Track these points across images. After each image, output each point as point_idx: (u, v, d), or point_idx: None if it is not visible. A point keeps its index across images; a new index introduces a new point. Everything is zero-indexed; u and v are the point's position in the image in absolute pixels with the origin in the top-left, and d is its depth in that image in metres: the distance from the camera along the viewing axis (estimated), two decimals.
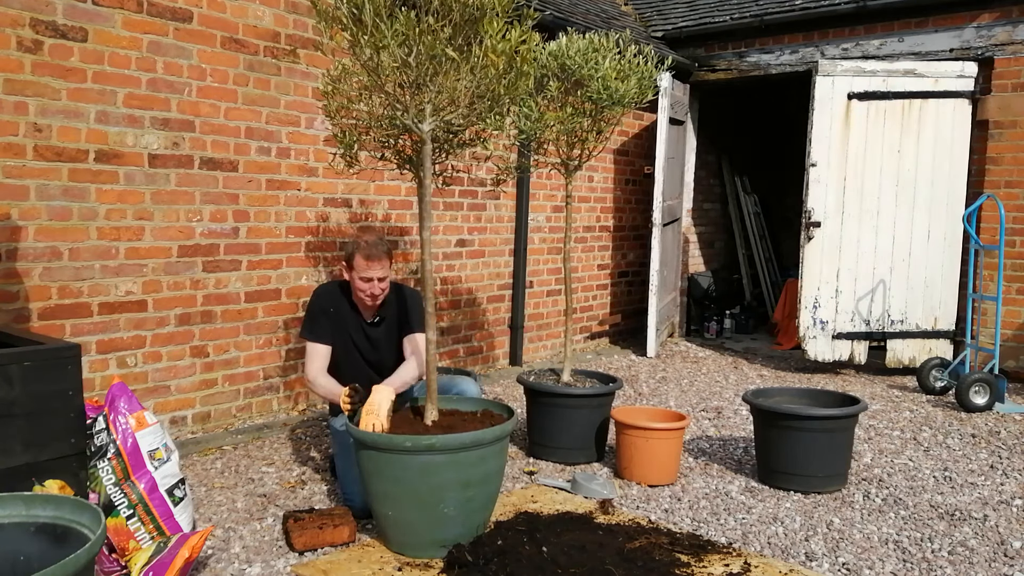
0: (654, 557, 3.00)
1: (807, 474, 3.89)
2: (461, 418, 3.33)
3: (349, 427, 3.11)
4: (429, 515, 2.97)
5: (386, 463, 2.96)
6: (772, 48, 7.49)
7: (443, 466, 2.93)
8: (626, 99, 4.11)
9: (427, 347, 3.25)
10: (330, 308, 3.71)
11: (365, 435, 3.01)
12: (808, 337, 6.69)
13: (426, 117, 3.12)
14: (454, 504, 2.96)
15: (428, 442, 2.92)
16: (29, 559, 2.13)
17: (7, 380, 2.71)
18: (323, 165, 5.03)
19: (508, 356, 6.71)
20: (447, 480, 2.94)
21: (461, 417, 3.35)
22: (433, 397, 3.23)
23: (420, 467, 2.91)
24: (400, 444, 2.92)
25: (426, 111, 3.11)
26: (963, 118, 6.50)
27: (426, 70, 2.99)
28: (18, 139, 3.76)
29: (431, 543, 3.01)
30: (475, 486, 3.02)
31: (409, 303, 3.79)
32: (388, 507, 3.02)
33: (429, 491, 2.94)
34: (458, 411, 3.42)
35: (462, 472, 2.96)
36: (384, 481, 2.99)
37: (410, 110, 3.10)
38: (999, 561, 3.21)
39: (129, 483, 2.92)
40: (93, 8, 3.96)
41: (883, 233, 6.61)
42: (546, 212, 6.89)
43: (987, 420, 5.34)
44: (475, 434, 2.99)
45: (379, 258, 3.55)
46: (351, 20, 2.93)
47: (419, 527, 3.00)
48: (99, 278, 4.08)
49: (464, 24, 3.03)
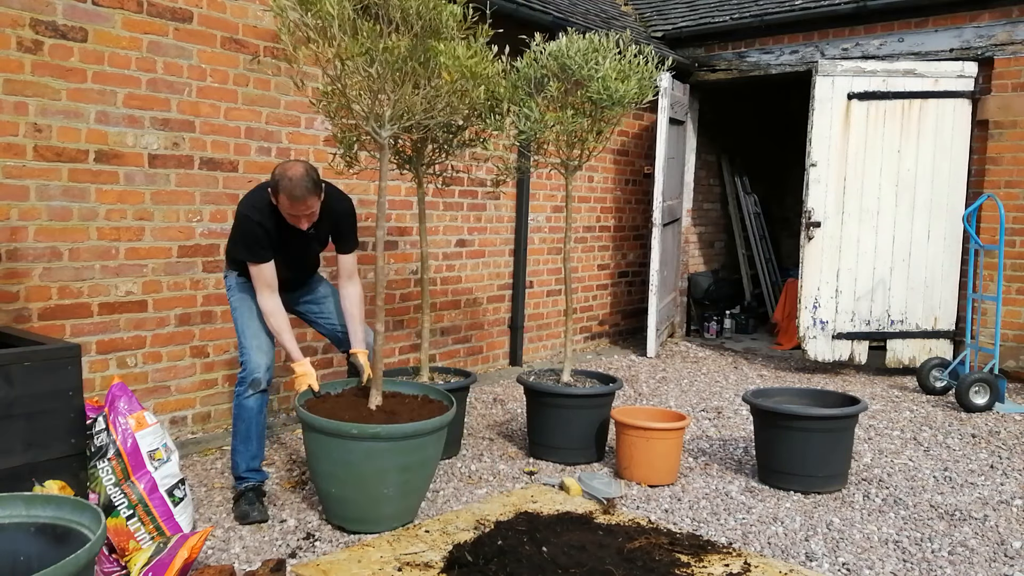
0: (654, 557, 3.00)
1: (807, 474, 3.89)
2: (403, 402, 3.54)
3: (299, 410, 3.32)
4: (370, 494, 3.25)
5: (334, 447, 3.20)
6: (772, 48, 7.49)
7: (386, 452, 3.19)
8: (626, 99, 4.11)
9: (375, 337, 3.48)
10: (266, 224, 3.44)
11: (315, 420, 3.23)
12: (808, 337, 6.69)
13: (384, 124, 3.27)
14: (394, 485, 3.24)
15: (374, 431, 3.16)
16: (29, 559, 2.13)
17: (7, 380, 2.71)
18: (323, 165, 5.02)
19: (508, 356, 6.71)
20: (389, 464, 3.21)
21: (403, 401, 3.56)
22: (378, 384, 3.46)
23: (365, 452, 3.17)
24: (347, 431, 3.17)
25: (384, 118, 3.26)
26: (963, 118, 6.50)
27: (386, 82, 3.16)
28: (18, 139, 3.76)
29: (370, 519, 3.29)
30: (413, 470, 3.30)
31: (339, 221, 3.64)
32: (332, 486, 3.29)
33: (372, 474, 3.21)
34: (400, 394, 3.65)
35: (403, 458, 3.23)
36: (330, 463, 3.24)
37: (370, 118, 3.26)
38: (999, 561, 3.21)
39: (129, 483, 2.92)
40: (93, 8, 3.96)
41: (883, 233, 6.61)
42: (546, 212, 6.89)
43: (987, 420, 5.34)
44: (416, 425, 3.25)
45: (304, 199, 3.29)
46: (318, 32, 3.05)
47: (360, 504, 3.28)
48: (99, 278, 4.08)
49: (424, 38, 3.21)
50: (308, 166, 3.35)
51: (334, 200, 3.59)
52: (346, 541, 3.23)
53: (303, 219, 3.38)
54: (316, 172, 3.37)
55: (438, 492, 3.81)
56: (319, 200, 3.37)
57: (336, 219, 3.63)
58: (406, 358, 5.73)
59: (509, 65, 4.32)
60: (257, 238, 3.43)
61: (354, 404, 3.46)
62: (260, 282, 3.49)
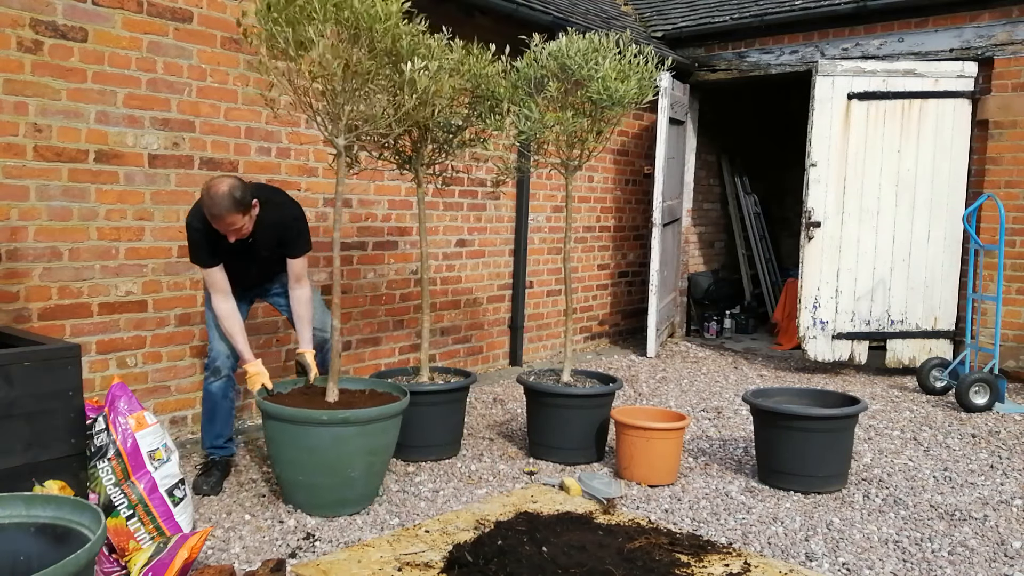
0: (654, 557, 3.00)
1: (807, 474, 3.89)
2: (354, 395, 3.74)
3: (263, 404, 3.46)
4: (337, 479, 3.41)
5: (302, 435, 3.36)
6: (772, 48, 7.49)
7: (354, 436, 3.39)
8: (626, 99, 4.11)
9: (331, 333, 3.66)
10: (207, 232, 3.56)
11: (283, 410, 3.38)
12: (808, 337, 6.69)
13: (341, 133, 3.52)
14: (360, 469, 3.43)
15: (342, 416, 3.36)
16: (29, 559, 2.13)
17: (7, 380, 2.71)
18: (323, 165, 5.03)
19: (508, 356, 6.71)
20: (356, 448, 3.40)
21: (353, 395, 3.76)
22: (335, 377, 3.63)
23: (334, 437, 3.35)
24: (318, 418, 3.33)
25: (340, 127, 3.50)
26: (963, 118, 6.50)
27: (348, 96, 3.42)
28: (18, 139, 3.76)
29: (337, 502, 3.46)
30: (378, 453, 3.51)
31: (281, 232, 3.70)
32: (299, 473, 3.43)
33: (339, 458, 3.39)
34: (348, 390, 3.81)
35: (369, 441, 3.43)
36: (297, 450, 3.39)
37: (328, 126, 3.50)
38: (999, 561, 3.21)
39: (129, 483, 2.92)
40: (93, 8, 3.96)
41: (883, 233, 6.61)
42: (546, 212, 6.89)
43: (987, 420, 5.34)
44: (381, 409, 3.46)
45: (222, 216, 3.40)
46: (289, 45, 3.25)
47: (328, 489, 3.44)
48: (99, 278, 4.08)
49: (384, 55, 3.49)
50: (234, 183, 3.42)
51: (274, 211, 3.66)
52: (346, 541, 3.23)
53: (230, 233, 3.50)
54: (242, 190, 3.42)
55: (438, 492, 3.81)
56: (242, 217, 3.45)
57: (277, 230, 3.69)
58: (406, 358, 5.73)
59: (509, 65, 4.32)
60: (200, 245, 3.62)
61: (309, 399, 3.62)
62: (211, 285, 3.70)
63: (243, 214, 3.45)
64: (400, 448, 4.23)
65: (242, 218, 3.46)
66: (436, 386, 4.27)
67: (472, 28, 5.51)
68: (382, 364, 5.56)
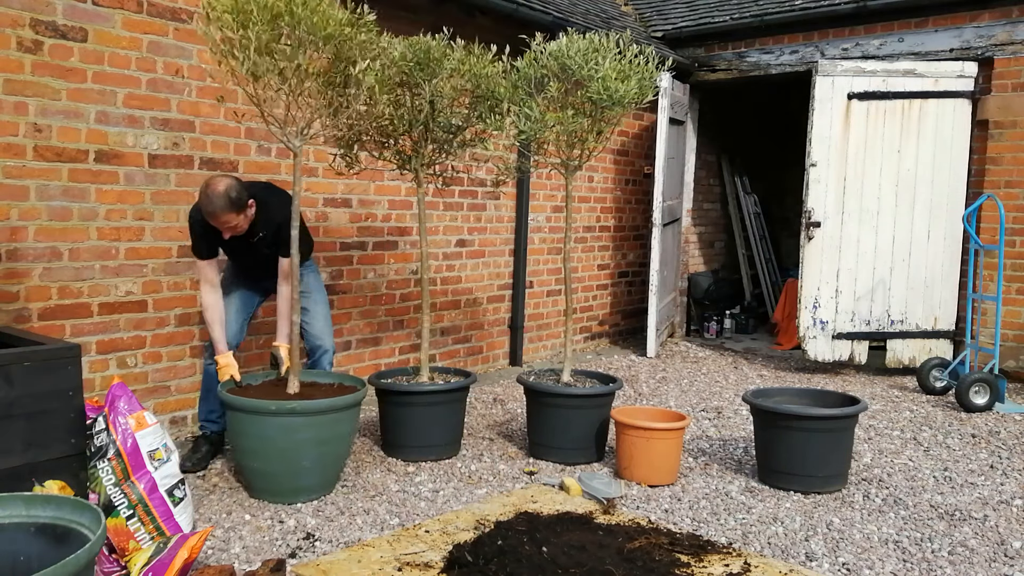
0: (654, 557, 3.00)
1: (807, 474, 3.89)
2: (319, 389, 3.86)
3: (222, 394, 3.63)
4: (289, 467, 3.55)
5: (255, 424, 3.51)
6: (772, 48, 7.49)
7: (302, 426, 3.51)
8: (626, 100, 4.11)
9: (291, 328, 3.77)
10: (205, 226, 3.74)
11: (236, 400, 3.54)
12: (808, 337, 6.69)
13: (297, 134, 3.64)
14: (311, 459, 3.55)
15: (290, 407, 3.50)
16: (29, 559, 2.13)
17: (7, 380, 2.71)
18: (323, 165, 5.03)
19: (508, 356, 6.71)
20: (306, 438, 3.52)
21: (319, 388, 3.87)
22: (296, 371, 3.76)
23: (283, 427, 3.49)
24: (266, 408, 3.49)
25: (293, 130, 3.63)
26: (963, 118, 6.50)
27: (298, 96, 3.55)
28: (18, 139, 3.76)
29: (291, 490, 3.58)
30: (329, 443, 3.61)
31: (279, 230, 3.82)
32: (255, 461, 3.59)
33: (289, 448, 3.52)
34: (316, 383, 3.93)
35: (318, 431, 3.54)
36: (252, 439, 3.55)
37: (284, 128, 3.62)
38: (999, 561, 3.21)
39: (129, 483, 2.92)
40: (93, 8, 3.96)
41: (883, 233, 6.61)
42: (546, 212, 6.89)
43: (987, 420, 5.34)
44: (330, 400, 3.59)
45: (216, 215, 3.59)
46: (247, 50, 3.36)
47: (281, 477, 3.57)
48: (99, 278, 4.08)
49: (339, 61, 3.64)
50: (231, 184, 3.59)
51: (274, 210, 3.81)
52: (346, 541, 3.23)
53: (225, 230, 3.68)
54: (238, 190, 3.59)
55: (438, 492, 3.81)
56: (237, 216, 3.62)
57: (276, 228, 3.83)
58: (406, 358, 5.74)
59: (509, 65, 4.32)
60: (196, 236, 3.82)
61: (274, 390, 3.79)
62: (201, 276, 3.88)
63: (238, 213, 3.63)
64: (400, 448, 4.25)
65: (236, 217, 3.63)
66: (436, 386, 4.27)
67: (473, 28, 5.51)
68: (382, 364, 5.57)
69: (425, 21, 5.37)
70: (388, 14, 5.35)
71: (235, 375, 3.83)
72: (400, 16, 5.42)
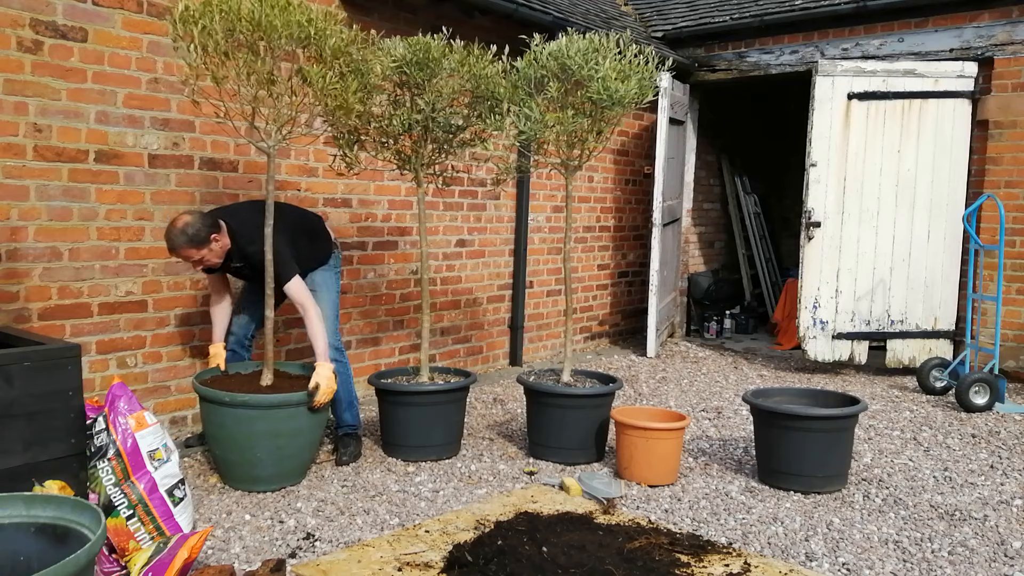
0: (654, 557, 3.00)
1: (807, 474, 3.89)
2: (289, 380, 3.93)
3: (193, 383, 3.78)
4: (244, 457, 3.66)
5: (213, 412, 3.68)
6: (772, 48, 7.49)
7: (255, 419, 3.60)
8: (626, 99, 4.10)
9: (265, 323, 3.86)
10: None
11: (200, 388, 3.70)
12: (808, 337, 6.69)
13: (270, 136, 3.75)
14: (265, 451, 3.63)
15: (243, 399, 3.61)
16: (29, 559, 2.13)
17: (7, 380, 2.71)
18: (323, 165, 5.03)
19: (508, 356, 6.71)
20: (259, 430, 3.61)
21: (290, 380, 3.94)
22: (269, 364, 3.85)
23: (236, 418, 3.61)
24: (220, 398, 3.61)
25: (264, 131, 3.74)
26: (963, 118, 6.50)
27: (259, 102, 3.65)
28: (18, 139, 3.76)
29: (248, 479, 3.70)
30: (285, 437, 3.67)
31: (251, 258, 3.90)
32: (216, 448, 3.77)
33: (243, 438, 3.63)
34: (290, 375, 4.02)
35: (272, 425, 3.62)
36: (212, 426, 3.73)
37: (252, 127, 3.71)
38: (999, 561, 3.21)
39: (129, 483, 2.92)
40: (93, 8, 3.96)
41: (883, 233, 6.61)
42: (546, 212, 6.89)
43: (987, 420, 5.34)
44: (282, 396, 3.67)
45: (175, 251, 3.72)
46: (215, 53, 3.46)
47: (238, 466, 3.70)
48: (99, 278, 4.08)
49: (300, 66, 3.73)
50: (189, 220, 3.68)
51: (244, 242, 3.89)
52: (346, 541, 3.23)
53: (192, 264, 3.82)
54: (196, 227, 3.67)
55: (438, 492, 3.81)
56: (198, 251, 3.72)
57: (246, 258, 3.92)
58: (406, 358, 5.73)
59: (509, 65, 4.32)
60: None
61: (251, 381, 3.88)
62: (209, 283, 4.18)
63: (198, 249, 3.71)
64: (400, 448, 4.25)
65: (198, 252, 3.72)
66: (436, 386, 4.27)
67: (472, 28, 5.51)
68: (382, 364, 5.56)
69: (425, 21, 5.38)
70: (388, 14, 5.36)
71: (221, 364, 4.03)
72: (400, 16, 5.43)
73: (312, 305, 3.91)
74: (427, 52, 4.05)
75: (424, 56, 4.05)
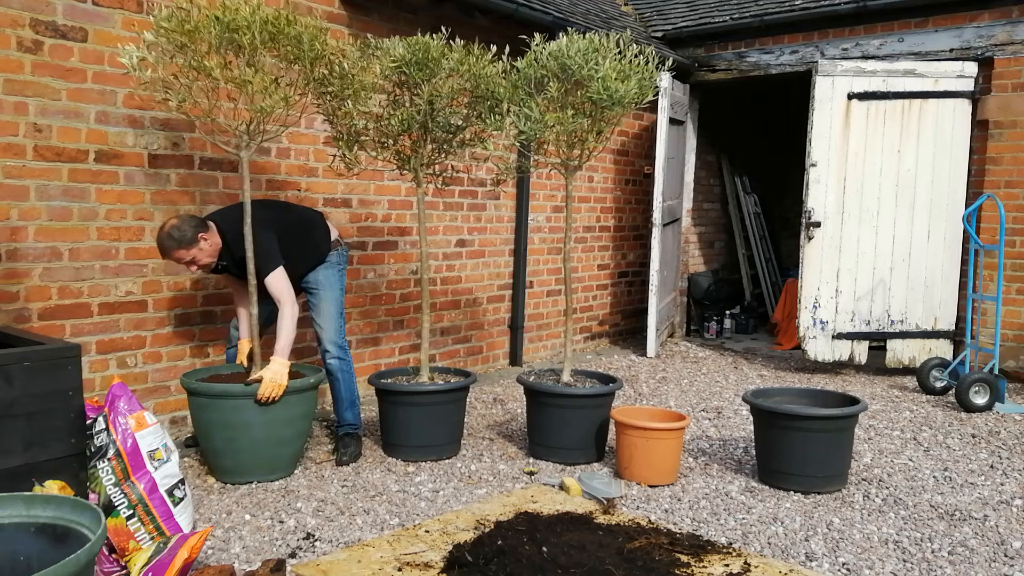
0: (654, 557, 3.00)
1: (807, 474, 3.89)
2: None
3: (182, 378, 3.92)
4: (206, 444, 3.87)
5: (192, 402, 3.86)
6: (772, 48, 7.49)
7: (207, 408, 3.77)
8: (626, 99, 4.10)
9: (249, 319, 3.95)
10: None
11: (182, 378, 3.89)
12: (808, 337, 6.69)
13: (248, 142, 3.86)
14: (220, 440, 3.78)
15: (194, 387, 3.79)
16: (29, 559, 2.13)
17: (7, 380, 2.71)
18: (323, 165, 5.03)
19: (508, 356, 6.71)
20: (211, 419, 3.78)
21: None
22: (257, 360, 3.93)
23: (195, 405, 3.82)
24: (188, 385, 3.81)
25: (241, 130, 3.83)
26: (963, 118, 6.50)
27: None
28: (18, 139, 3.76)
29: (220, 469, 3.85)
30: (234, 429, 3.75)
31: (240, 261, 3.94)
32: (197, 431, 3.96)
33: (201, 425, 3.85)
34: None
35: (221, 415, 3.75)
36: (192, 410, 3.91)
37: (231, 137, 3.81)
38: (999, 561, 3.21)
39: (129, 483, 2.92)
40: (93, 8, 3.96)
41: (883, 233, 6.61)
42: (546, 212, 6.89)
43: (987, 420, 5.34)
44: (224, 386, 3.79)
45: (165, 254, 3.79)
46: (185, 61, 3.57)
47: (205, 452, 3.92)
48: (99, 278, 4.08)
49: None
50: (175, 223, 3.75)
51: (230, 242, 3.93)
52: (346, 541, 3.23)
53: (184, 266, 3.85)
54: (181, 229, 3.73)
55: (438, 492, 3.81)
56: (187, 252, 3.76)
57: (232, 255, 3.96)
58: (406, 358, 5.73)
59: (509, 65, 4.32)
60: None
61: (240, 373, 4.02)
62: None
63: (187, 249, 3.75)
64: (400, 448, 4.25)
65: (187, 252, 3.77)
66: (436, 386, 4.27)
67: (472, 28, 5.51)
68: (382, 364, 5.57)
69: (425, 21, 5.38)
70: (388, 14, 5.36)
71: (243, 360, 4.10)
72: (400, 16, 5.43)
73: (290, 300, 3.93)
74: (426, 52, 4.05)
75: (423, 56, 4.05)
